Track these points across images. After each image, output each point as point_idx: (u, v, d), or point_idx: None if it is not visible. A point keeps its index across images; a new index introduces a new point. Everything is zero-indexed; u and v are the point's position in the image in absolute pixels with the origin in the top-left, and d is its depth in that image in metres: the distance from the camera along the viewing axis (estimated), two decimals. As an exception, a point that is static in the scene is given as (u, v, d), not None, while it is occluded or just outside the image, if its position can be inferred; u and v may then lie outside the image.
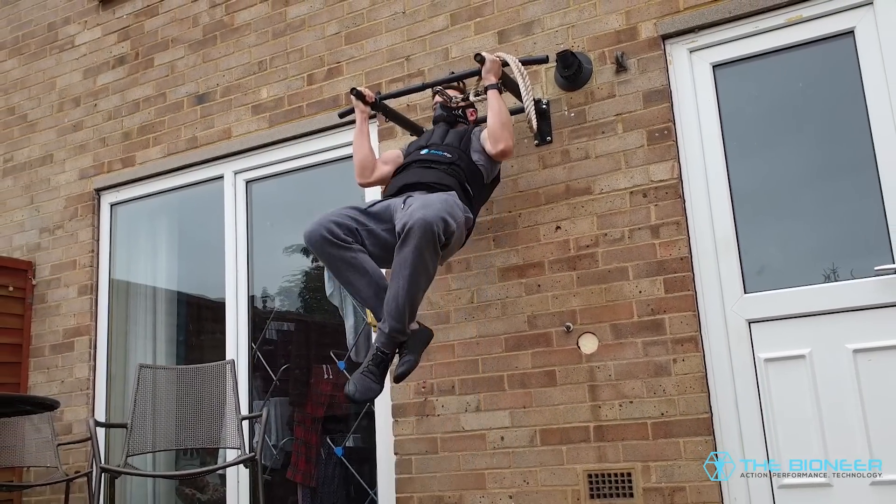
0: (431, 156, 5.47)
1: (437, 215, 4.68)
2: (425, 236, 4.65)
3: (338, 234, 4.93)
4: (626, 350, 5.80)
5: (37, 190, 8.85)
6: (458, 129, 5.77)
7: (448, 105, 5.84)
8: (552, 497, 5.85)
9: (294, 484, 7.45)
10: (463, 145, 5.56)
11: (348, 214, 5.09)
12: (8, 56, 9.51)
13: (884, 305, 5.26)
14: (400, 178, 5.48)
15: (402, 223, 4.71)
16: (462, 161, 5.44)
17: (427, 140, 5.76)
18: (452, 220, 4.82)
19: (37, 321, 8.48)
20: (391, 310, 4.90)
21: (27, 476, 7.91)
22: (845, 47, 5.66)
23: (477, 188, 5.50)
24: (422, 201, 4.84)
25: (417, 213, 4.67)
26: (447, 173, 5.33)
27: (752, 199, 5.77)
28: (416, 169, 5.44)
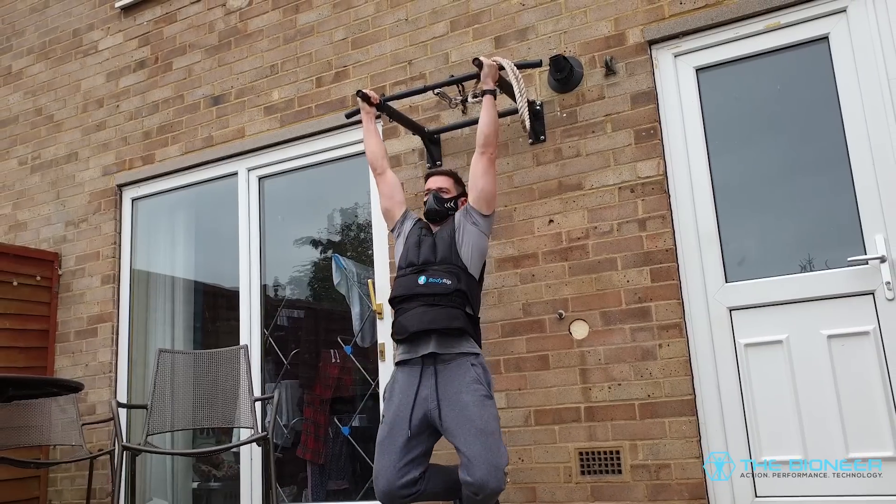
0: (431, 287, 5.08)
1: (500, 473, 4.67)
2: (496, 495, 4.70)
3: (411, 493, 4.85)
4: (615, 336, 5.80)
5: (63, 186, 8.84)
6: (445, 231, 5.30)
7: (441, 195, 5.60)
8: (546, 474, 5.86)
9: (304, 461, 7.45)
10: (453, 252, 5.19)
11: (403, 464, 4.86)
12: (35, 60, 9.50)
13: (856, 294, 5.28)
14: (408, 320, 5.06)
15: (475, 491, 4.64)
16: (461, 281, 5.10)
17: (418, 257, 5.28)
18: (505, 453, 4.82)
19: (62, 309, 8.47)
20: None
21: (53, 454, 7.90)
22: (820, 52, 5.66)
23: (475, 297, 5.22)
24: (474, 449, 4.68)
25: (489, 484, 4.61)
26: (453, 306, 5.02)
27: (732, 194, 5.77)
28: (421, 309, 5.05)
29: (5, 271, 8.05)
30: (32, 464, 7.30)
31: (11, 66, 9.68)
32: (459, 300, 4.99)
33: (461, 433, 4.73)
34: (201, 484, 8.21)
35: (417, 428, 4.88)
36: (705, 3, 5.95)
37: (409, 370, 5.01)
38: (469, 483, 4.63)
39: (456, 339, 4.95)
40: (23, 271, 8.23)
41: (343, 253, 7.57)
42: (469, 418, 4.75)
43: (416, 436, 4.89)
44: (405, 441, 4.88)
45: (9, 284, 8.07)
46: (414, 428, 4.87)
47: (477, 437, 4.69)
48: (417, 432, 4.89)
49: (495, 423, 4.82)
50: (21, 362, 8.05)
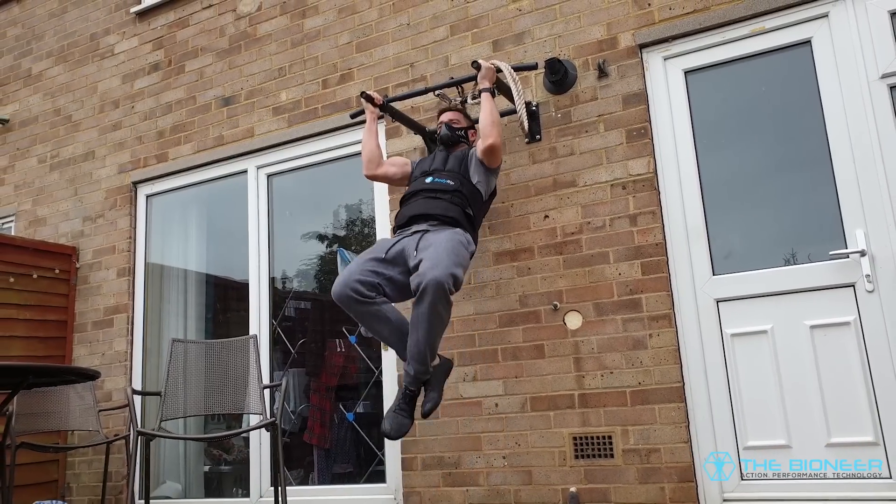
0: (435, 185, 5.44)
1: (447, 272, 4.72)
2: (437, 295, 4.70)
3: (362, 292, 4.94)
4: (607, 326, 5.80)
5: (80, 183, 8.83)
6: (458, 153, 5.71)
7: (453, 125, 5.82)
8: (541, 457, 5.86)
9: (310, 446, 7.45)
10: (463, 169, 5.54)
11: (370, 269, 5.06)
12: (54, 63, 9.49)
13: (837, 286, 5.28)
14: (409, 209, 5.44)
15: (416, 283, 4.72)
16: (464, 187, 5.43)
17: (430, 165, 5.72)
18: (460, 270, 4.88)
19: (80, 300, 8.47)
20: (414, 355, 4.96)
21: (72, 439, 7.91)
22: (803, 55, 5.65)
23: (477, 208, 5.50)
24: (432, 257, 4.82)
25: (429, 273, 4.68)
26: (451, 202, 5.31)
27: (719, 191, 5.77)
28: (423, 199, 5.40)
29: (26, 265, 8.06)
30: (51, 448, 7.31)
31: (32, 69, 9.68)
32: (459, 199, 5.30)
33: (424, 252, 4.93)
34: (212, 467, 8.22)
35: (393, 256, 5.13)
36: (693, 8, 5.95)
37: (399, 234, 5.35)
38: (414, 276, 4.79)
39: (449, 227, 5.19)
40: (42, 264, 8.24)
41: (348, 247, 7.56)
42: (437, 243, 4.97)
43: (390, 262, 5.13)
44: (378, 260, 5.13)
45: (29, 277, 8.08)
46: (389, 255, 5.14)
47: (434, 250, 4.88)
48: (391, 259, 5.13)
49: (460, 251, 5.00)
50: (41, 351, 8.06)
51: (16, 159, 9.47)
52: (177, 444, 8.03)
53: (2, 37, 10.12)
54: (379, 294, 5.02)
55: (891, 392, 5.02)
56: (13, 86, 9.79)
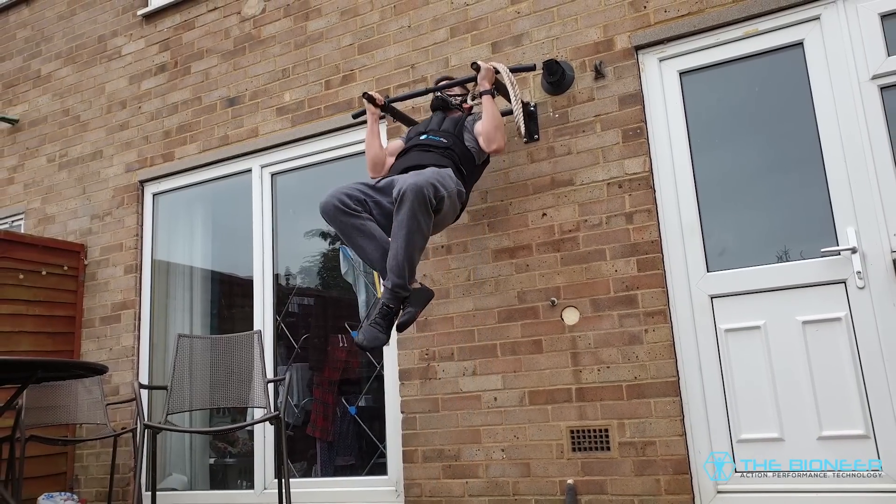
0: (429, 140, 5.50)
1: (427, 181, 4.76)
2: (417, 199, 4.71)
3: (348, 204, 4.98)
4: (604, 322, 5.80)
5: (88, 181, 8.83)
6: (453, 116, 5.78)
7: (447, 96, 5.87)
8: (539, 450, 5.86)
9: (313, 439, 7.45)
10: (457, 131, 5.60)
11: (357, 188, 5.14)
12: (63, 64, 9.49)
13: (829, 283, 5.28)
14: (402, 161, 5.49)
15: (398, 189, 4.76)
16: (456, 146, 5.48)
17: (426, 126, 5.78)
18: (442, 187, 4.89)
19: (88, 296, 8.47)
20: (392, 266, 4.93)
21: (80, 432, 7.91)
22: (795, 57, 5.65)
23: (469, 169, 5.52)
24: (416, 172, 4.90)
25: (410, 179, 4.74)
26: (443, 156, 5.36)
27: (714, 189, 5.77)
28: (416, 153, 5.46)
29: (35, 261, 8.06)
30: (60, 441, 7.31)
31: (41, 70, 9.67)
32: (451, 155, 5.37)
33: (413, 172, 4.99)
34: (218, 460, 8.22)
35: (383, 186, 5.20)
36: (688, 11, 5.94)
37: None
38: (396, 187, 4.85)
39: None
40: (51, 261, 8.24)
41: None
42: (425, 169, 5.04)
43: (380, 189, 5.20)
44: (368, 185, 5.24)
45: (38, 274, 8.08)
46: (380, 184, 5.23)
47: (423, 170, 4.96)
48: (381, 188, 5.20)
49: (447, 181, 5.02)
50: (49, 346, 8.06)
51: (25, 158, 9.47)
52: (183, 437, 8.03)
53: (11, 39, 10.12)
54: (364, 210, 5.07)
55: (881, 386, 5.03)
56: (23, 87, 9.78)
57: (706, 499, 5.38)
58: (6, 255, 7.81)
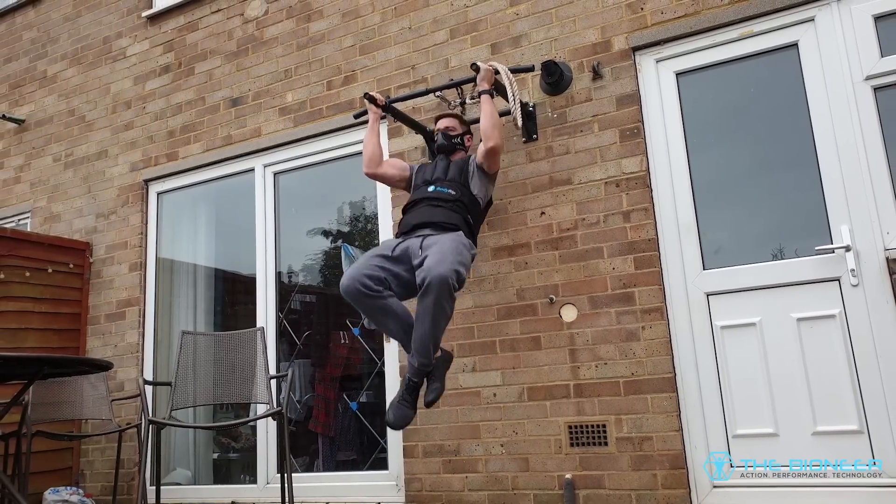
0: (437, 193, 5.40)
1: (451, 269, 4.70)
2: (442, 290, 4.68)
3: (370, 286, 4.93)
4: (602, 319, 5.80)
5: (94, 181, 8.83)
6: (458, 161, 5.64)
7: (449, 133, 5.78)
8: (537, 445, 5.86)
9: (315, 434, 7.46)
10: (463, 178, 5.50)
11: (376, 265, 5.05)
12: (69, 65, 9.49)
13: (823, 280, 5.28)
14: (412, 216, 5.39)
15: (422, 277, 4.70)
16: (464, 196, 5.39)
17: (432, 174, 5.65)
18: (463, 268, 4.87)
19: (93, 294, 8.48)
20: (418, 348, 4.94)
21: (85, 427, 7.91)
22: (790, 58, 5.65)
23: (475, 216, 5.48)
24: (437, 254, 4.80)
25: (434, 270, 4.66)
26: (453, 210, 5.29)
27: (710, 188, 5.77)
28: (426, 208, 5.35)
29: (41, 259, 8.07)
30: (66, 436, 7.31)
31: (47, 71, 9.67)
32: (460, 207, 5.28)
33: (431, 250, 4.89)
34: (221, 455, 8.22)
35: (398, 255, 5.11)
36: (685, 12, 5.94)
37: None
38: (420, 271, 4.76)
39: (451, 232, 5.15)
40: (57, 259, 8.25)
41: (351, 242, 7.57)
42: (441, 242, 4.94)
43: (396, 259, 5.11)
44: (385, 257, 5.11)
45: (44, 271, 8.09)
46: (395, 252, 5.12)
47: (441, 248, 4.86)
48: (397, 257, 5.11)
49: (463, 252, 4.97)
50: (55, 343, 8.07)
51: (31, 158, 9.47)
52: (186, 433, 8.03)
53: (18, 40, 10.12)
54: (385, 288, 5.00)
55: (875, 382, 5.03)
56: (29, 87, 9.78)
57: (702, 493, 5.38)
58: (13, 253, 7.81)
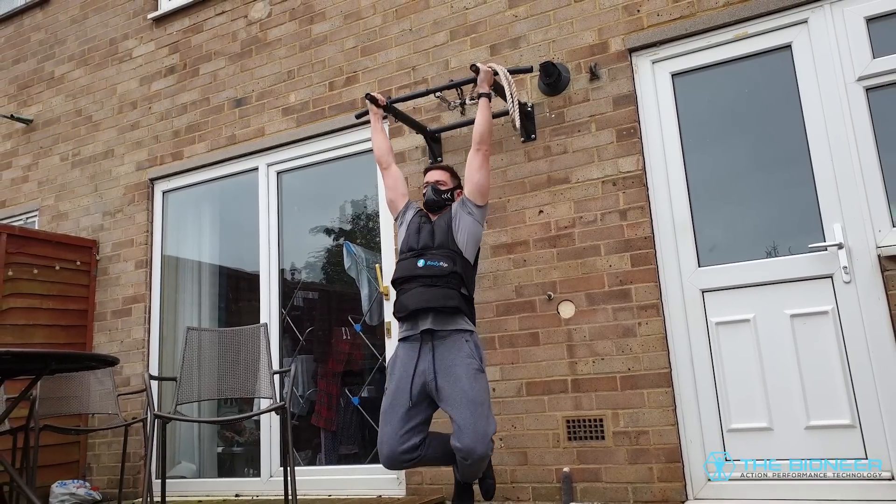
0: (429, 269, 5.01)
1: (486, 439, 4.65)
2: (483, 459, 4.67)
3: (411, 458, 4.83)
4: (599, 315, 5.80)
5: (100, 180, 8.83)
6: (443, 220, 5.23)
7: (439, 187, 5.57)
8: (536, 439, 5.86)
9: (317, 428, 7.46)
10: (450, 240, 5.11)
11: (406, 430, 4.83)
12: (76, 66, 9.48)
13: (816, 277, 5.28)
14: (408, 299, 5.02)
15: (464, 457, 4.63)
16: (457, 265, 5.03)
17: (418, 241, 5.21)
18: (493, 420, 4.78)
19: (100, 290, 8.48)
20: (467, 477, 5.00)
21: (92, 421, 7.91)
22: (784, 59, 5.65)
23: (470, 279, 5.15)
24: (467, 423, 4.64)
25: (476, 450, 4.59)
26: (448, 287, 4.95)
27: (705, 187, 5.77)
28: (420, 290, 4.99)
29: (49, 257, 8.07)
30: (73, 430, 7.30)
31: (54, 72, 9.67)
32: (455, 281, 4.92)
33: (454, 402, 4.69)
34: (225, 449, 8.23)
35: (417, 398, 4.83)
36: (680, 14, 5.94)
37: (409, 346, 4.96)
38: (458, 448, 4.60)
39: (451, 316, 4.88)
40: (64, 257, 8.25)
41: (353, 240, 7.56)
42: (462, 389, 4.70)
43: (416, 405, 4.84)
44: (406, 410, 4.83)
45: (52, 269, 8.09)
46: (414, 398, 4.83)
47: (467, 407, 4.65)
48: (417, 402, 4.84)
49: (485, 395, 4.76)
50: (63, 339, 8.07)
51: (39, 157, 9.47)
52: (191, 427, 8.04)
53: (26, 41, 10.12)
54: (423, 446, 4.88)
55: (867, 378, 5.03)
56: (37, 88, 9.78)
57: (697, 486, 5.38)
58: (21, 250, 7.81)
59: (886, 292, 5.04)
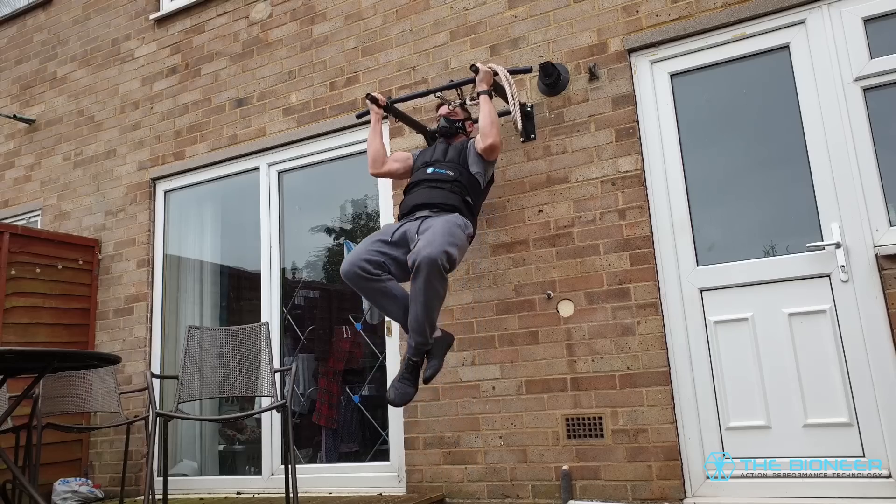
0: (436, 175, 5.43)
1: (440, 250, 4.73)
2: (431, 270, 4.71)
3: (369, 270, 4.95)
4: (598, 314, 5.80)
5: (102, 179, 8.83)
6: (457, 144, 5.70)
7: (451, 118, 5.81)
8: (535, 437, 5.86)
9: (318, 426, 7.45)
10: (462, 159, 5.54)
11: (375, 249, 5.09)
12: (78, 67, 9.48)
13: (814, 276, 5.28)
14: (412, 198, 5.44)
15: (412, 260, 4.74)
16: (462, 177, 5.42)
17: (431, 156, 5.69)
18: (455, 249, 4.87)
19: (102, 289, 8.48)
20: (414, 327, 5.00)
21: (94, 419, 7.91)
22: (782, 59, 5.65)
23: (476, 196, 5.49)
24: (428, 237, 4.85)
25: (424, 251, 4.71)
26: (451, 191, 5.32)
27: (703, 186, 5.76)
28: (425, 189, 5.40)
29: (51, 256, 8.08)
30: (75, 428, 7.31)
31: (57, 72, 9.67)
32: (458, 188, 5.27)
33: (424, 234, 4.93)
34: (227, 447, 8.22)
35: (397, 239, 5.14)
36: (679, 15, 5.94)
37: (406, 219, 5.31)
38: (410, 254, 4.81)
39: (449, 213, 5.17)
40: (67, 256, 8.25)
41: (354, 239, 7.55)
42: (434, 226, 4.97)
43: (394, 244, 5.13)
44: (383, 241, 5.13)
45: (54, 268, 8.09)
46: (394, 237, 5.14)
47: (434, 231, 4.89)
48: (396, 241, 5.13)
49: (455, 233, 4.96)
50: (65, 337, 8.08)
51: (42, 157, 9.47)
52: (193, 425, 8.04)
53: (28, 42, 10.12)
54: (384, 272, 5.05)
55: (864, 376, 5.03)
56: (39, 88, 9.78)
57: (696, 483, 5.38)
58: (24, 250, 7.82)
59: (884, 291, 5.04)
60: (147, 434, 6.77)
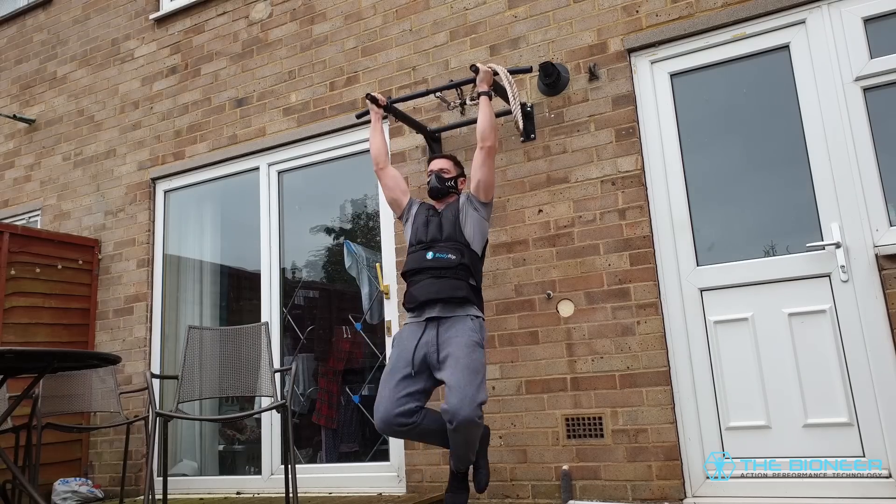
0: (437, 261, 5.08)
1: (474, 405, 4.58)
2: (470, 427, 4.62)
3: (404, 423, 4.80)
4: (598, 314, 5.79)
5: (102, 179, 8.82)
6: (450, 211, 5.31)
7: (442, 176, 5.58)
8: (535, 437, 5.85)
9: (318, 426, 7.45)
10: (458, 232, 5.19)
11: (403, 395, 4.85)
12: (78, 66, 9.48)
13: (813, 276, 5.28)
14: (418, 290, 5.09)
15: (448, 419, 4.58)
16: (465, 256, 5.10)
17: (427, 234, 5.28)
18: (484, 390, 4.73)
19: (102, 289, 8.47)
20: (458, 459, 4.96)
21: (94, 419, 7.91)
22: (782, 59, 5.64)
23: (478, 270, 5.20)
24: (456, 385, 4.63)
25: (460, 413, 4.53)
26: (457, 279, 5.02)
27: (703, 186, 5.76)
28: (430, 281, 5.06)
29: (51, 256, 8.07)
30: (75, 428, 7.30)
31: (57, 72, 9.66)
32: (463, 273, 5.00)
33: (448, 365, 4.74)
34: (226, 447, 8.22)
35: (418, 367, 4.89)
36: (678, 15, 5.94)
37: (415, 325, 5.05)
38: (445, 410, 4.59)
39: (459, 306, 4.96)
40: (67, 256, 8.25)
41: (354, 239, 7.55)
42: (457, 356, 4.74)
43: (417, 374, 4.89)
44: (405, 376, 4.88)
45: (54, 268, 8.09)
46: (415, 366, 4.89)
47: (460, 370, 4.67)
48: (418, 371, 4.89)
49: (480, 366, 4.77)
50: (65, 337, 8.07)
51: (42, 157, 9.46)
52: (193, 425, 8.03)
53: (28, 42, 10.11)
54: (418, 415, 4.87)
55: (864, 376, 5.03)
56: (39, 88, 9.78)
57: (696, 483, 5.38)
58: (24, 249, 7.81)
59: (884, 291, 5.04)
60: (147, 434, 6.77)
